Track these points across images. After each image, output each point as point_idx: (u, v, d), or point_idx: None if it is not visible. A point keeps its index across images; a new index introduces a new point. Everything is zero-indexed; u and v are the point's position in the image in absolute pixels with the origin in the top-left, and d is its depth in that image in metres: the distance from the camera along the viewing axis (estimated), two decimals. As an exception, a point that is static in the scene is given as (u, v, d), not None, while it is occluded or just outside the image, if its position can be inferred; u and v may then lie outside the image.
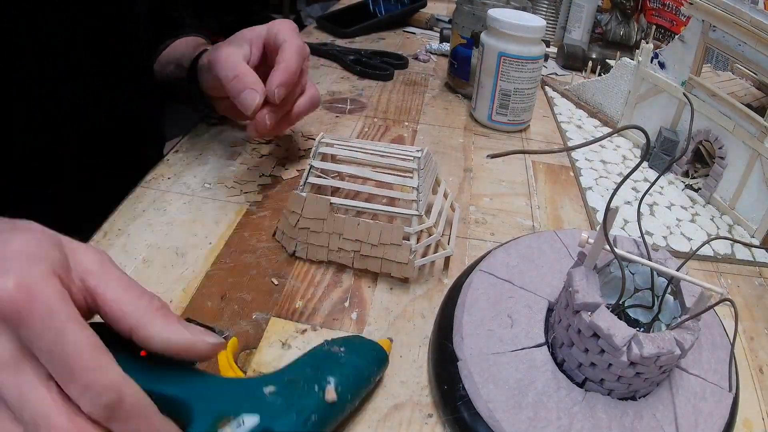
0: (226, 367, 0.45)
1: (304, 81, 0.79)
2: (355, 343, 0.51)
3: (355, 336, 0.53)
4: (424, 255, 0.65)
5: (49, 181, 0.80)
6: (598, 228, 0.53)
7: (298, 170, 0.85)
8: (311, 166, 0.66)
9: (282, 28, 0.77)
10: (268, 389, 0.42)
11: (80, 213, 0.71)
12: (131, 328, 0.39)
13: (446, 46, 1.37)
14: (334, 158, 0.69)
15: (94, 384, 0.35)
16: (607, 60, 1.27)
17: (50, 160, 0.79)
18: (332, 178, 0.69)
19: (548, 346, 0.51)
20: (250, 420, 0.39)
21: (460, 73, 1.14)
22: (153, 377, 0.39)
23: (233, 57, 0.74)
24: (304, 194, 0.64)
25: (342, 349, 0.49)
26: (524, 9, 1.03)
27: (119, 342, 0.39)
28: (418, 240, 0.63)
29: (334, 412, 0.44)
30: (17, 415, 0.35)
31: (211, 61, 0.76)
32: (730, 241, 0.76)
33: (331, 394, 0.43)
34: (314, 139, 0.85)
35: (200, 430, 0.38)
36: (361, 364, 0.49)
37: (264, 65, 0.78)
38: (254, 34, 0.79)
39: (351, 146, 0.67)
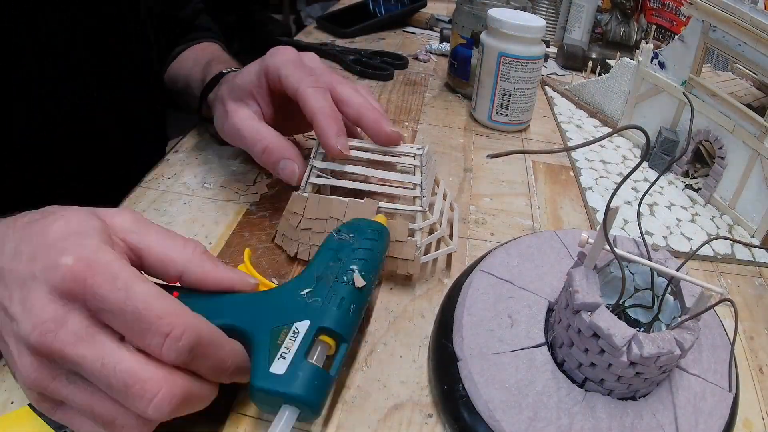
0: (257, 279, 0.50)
1: (351, 85, 0.69)
2: (359, 226, 0.56)
3: (354, 219, 0.58)
4: (427, 252, 0.65)
5: (49, 180, 0.80)
6: (598, 228, 0.53)
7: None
8: (312, 166, 0.65)
9: (277, 66, 0.68)
10: (305, 291, 0.47)
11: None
12: (181, 272, 0.45)
13: (446, 46, 1.37)
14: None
15: (172, 330, 0.38)
16: (607, 60, 1.27)
17: (50, 160, 0.79)
18: (334, 177, 0.68)
19: (548, 346, 0.51)
20: (303, 326, 0.44)
21: (460, 73, 1.14)
22: (205, 312, 0.42)
23: (250, 123, 0.68)
24: (306, 194, 0.64)
25: (351, 235, 0.54)
26: (524, 9, 1.03)
27: None
28: (422, 236, 0.63)
29: (365, 296, 0.50)
30: (102, 385, 0.38)
31: (229, 129, 0.70)
32: (730, 241, 0.76)
33: (359, 281, 0.49)
34: (315, 139, 0.85)
35: (264, 350, 0.43)
36: (372, 246, 0.54)
37: (278, 108, 0.72)
38: (252, 84, 0.70)
39: (352, 145, 0.67)
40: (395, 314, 0.61)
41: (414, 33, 1.58)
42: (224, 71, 0.84)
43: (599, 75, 1.14)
